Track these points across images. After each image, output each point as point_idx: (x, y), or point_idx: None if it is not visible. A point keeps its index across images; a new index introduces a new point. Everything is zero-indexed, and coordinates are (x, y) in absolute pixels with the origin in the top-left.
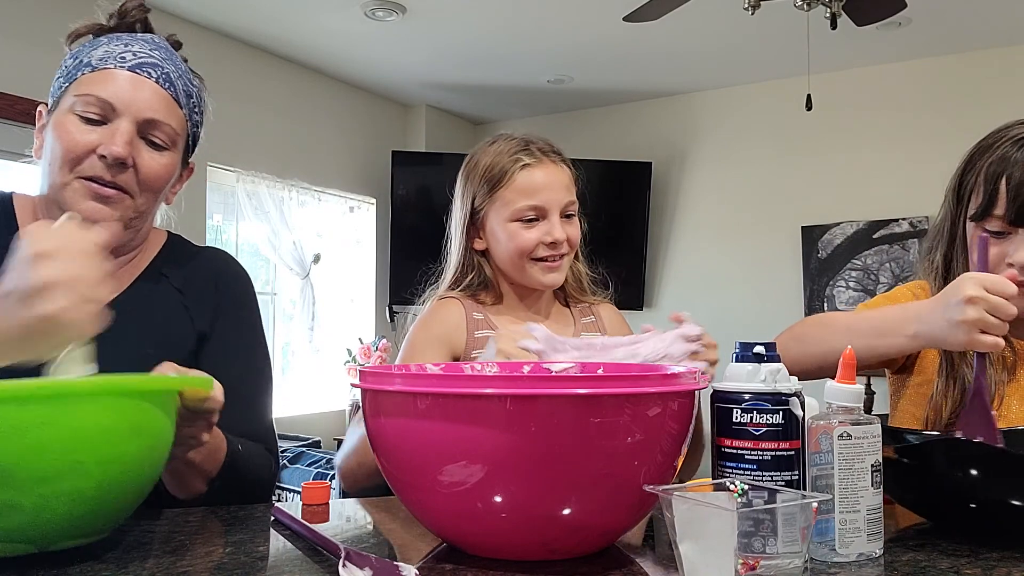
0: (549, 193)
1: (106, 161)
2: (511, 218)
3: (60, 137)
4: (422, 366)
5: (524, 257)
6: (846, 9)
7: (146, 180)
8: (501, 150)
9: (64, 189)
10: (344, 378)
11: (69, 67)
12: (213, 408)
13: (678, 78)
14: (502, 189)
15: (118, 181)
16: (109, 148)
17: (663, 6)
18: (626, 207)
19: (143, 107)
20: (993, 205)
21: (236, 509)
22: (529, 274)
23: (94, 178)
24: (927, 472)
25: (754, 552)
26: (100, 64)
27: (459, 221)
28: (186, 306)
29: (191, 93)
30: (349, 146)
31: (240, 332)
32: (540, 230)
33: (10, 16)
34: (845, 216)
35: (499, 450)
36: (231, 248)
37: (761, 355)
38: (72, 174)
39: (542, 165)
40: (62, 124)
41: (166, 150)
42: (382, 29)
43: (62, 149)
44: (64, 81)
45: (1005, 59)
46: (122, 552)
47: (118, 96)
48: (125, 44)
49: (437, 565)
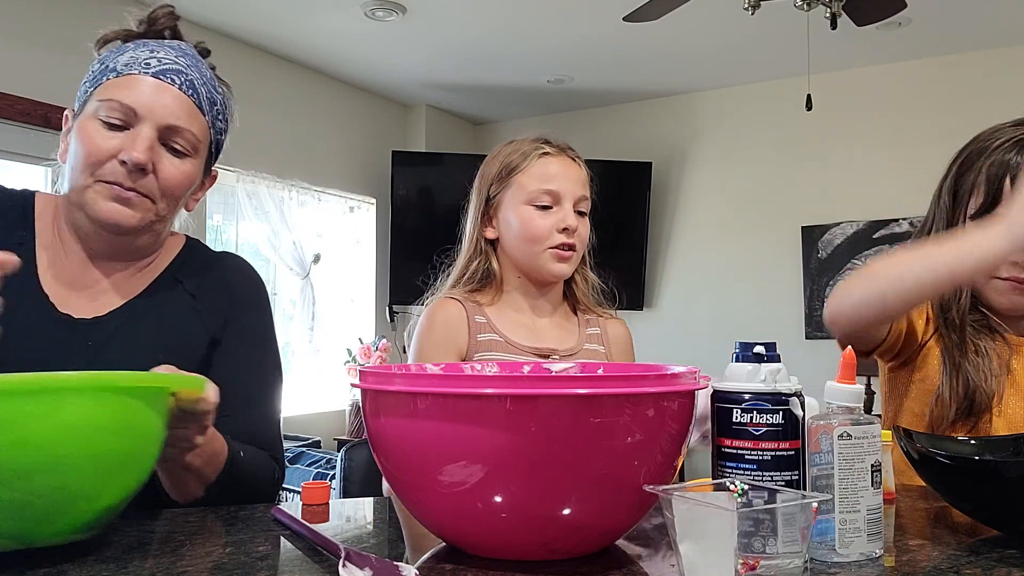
0: (565, 182)
1: (127, 167)
2: (526, 201)
3: (83, 141)
4: (422, 366)
5: (537, 243)
6: (846, 9)
7: (166, 186)
8: (521, 142)
9: (85, 192)
10: (344, 378)
11: (95, 72)
12: (206, 409)
13: (678, 78)
14: (518, 174)
15: (138, 187)
16: (130, 154)
17: (663, 6)
18: (626, 207)
19: (165, 113)
20: (997, 204)
21: (236, 509)
22: (540, 262)
23: (115, 182)
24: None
25: (754, 552)
26: (125, 70)
27: (473, 211)
28: (198, 311)
29: (215, 101)
30: (349, 146)
31: (250, 339)
32: (555, 217)
33: (10, 16)
34: (845, 216)
35: (499, 450)
36: (231, 248)
37: (761, 355)
38: (93, 177)
39: (560, 157)
40: (85, 129)
41: (188, 157)
42: (382, 29)
43: (84, 153)
44: (90, 86)
45: (1005, 59)
46: (122, 552)
47: (140, 102)
48: (151, 51)
49: (437, 565)
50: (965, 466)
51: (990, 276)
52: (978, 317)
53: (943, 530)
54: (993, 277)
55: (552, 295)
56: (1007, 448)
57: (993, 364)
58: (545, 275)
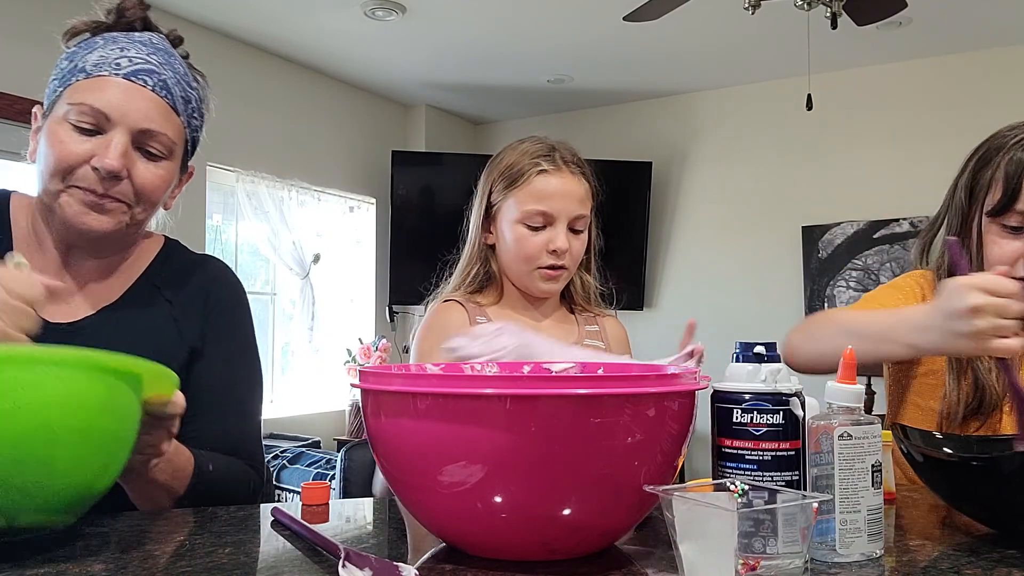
0: (560, 202)
1: (99, 173)
2: (519, 220)
3: (53, 146)
4: (422, 366)
5: (526, 262)
6: (846, 9)
7: (142, 191)
8: (526, 150)
9: (58, 198)
10: (344, 378)
11: (64, 70)
12: (174, 413)
13: (678, 78)
14: (516, 189)
15: (112, 193)
16: (103, 161)
17: (663, 6)
18: (626, 207)
19: (138, 117)
20: (1015, 201)
21: (236, 509)
22: (528, 279)
23: (88, 188)
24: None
25: (754, 552)
26: (95, 71)
27: (475, 215)
28: (176, 319)
29: (189, 98)
30: (349, 146)
31: (229, 346)
32: (544, 237)
33: (10, 16)
34: (845, 216)
35: (499, 450)
36: (231, 248)
37: (761, 355)
38: (64, 183)
39: (560, 173)
40: (55, 132)
41: (163, 159)
42: (382, 29)
43: (55, 158)
44: (59, 85)
45: (1005, 59)
46: (121, 552)
47: (112, 106)
48: (121, 49)
49: (437, 565)
50: (957, 464)
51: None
52: None
53: (943, 530)
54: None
55: (550, 298)
56: (1004, 447)
57: None
58: (534, 292)
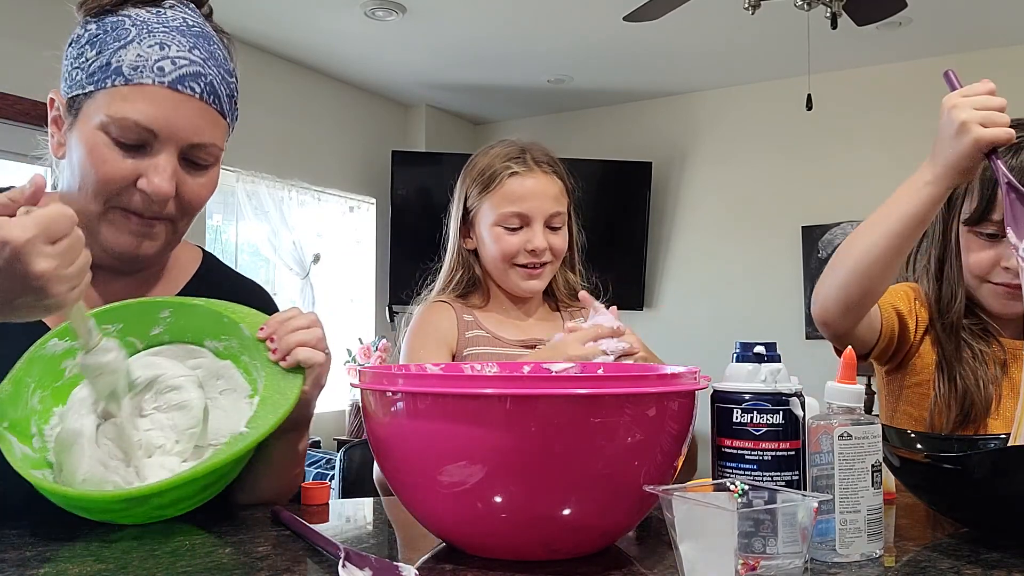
0: (534, 202)
1: (147, 196)
2: (496, 223)
3: (94, 164)
4: (422, 366)
5: (506, 262)
6: (846, 9)
7: (190, 204)
8: (497, 153)
9: (99, 222)
10: (344, 378)
11: (92, 63)
12: (319, 361)
13: (678, 78)
14: (490, 193)
15: (159, 215)
16: (152, 185)
17: (663, 6)
18: (626, 207)
19: (188, 132)
20: (991, 211)
21: (236, 509)
22: (510, 279)
23: (133, 211)
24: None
25: (754, 552)
26: (135, 76)
27: (454, 222)
28: None
29: (232, 91)
30: (349, 146)
31: None
32: (522, 237)
33: (10, 16)
34: (845, 216)
35: (499, 450)
36: (231, 248)
37: (761, 355)
38: (107, 204)
39: (532, 174)
40: (95, 147)
41: (211, 167)
42: (382, 29)
43: (96, 179)
44: (88, 82)
45: (1005, 59)
46: (122, 552)
47: (160, 122)
48: (160, 45)
49: (437, 565)
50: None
51: (982, 280)
52: (974, 321)
53: (943, 530)
54: (985, 281)
55: (534, 297)
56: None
57: (989, 369)
58: (516, 291)
